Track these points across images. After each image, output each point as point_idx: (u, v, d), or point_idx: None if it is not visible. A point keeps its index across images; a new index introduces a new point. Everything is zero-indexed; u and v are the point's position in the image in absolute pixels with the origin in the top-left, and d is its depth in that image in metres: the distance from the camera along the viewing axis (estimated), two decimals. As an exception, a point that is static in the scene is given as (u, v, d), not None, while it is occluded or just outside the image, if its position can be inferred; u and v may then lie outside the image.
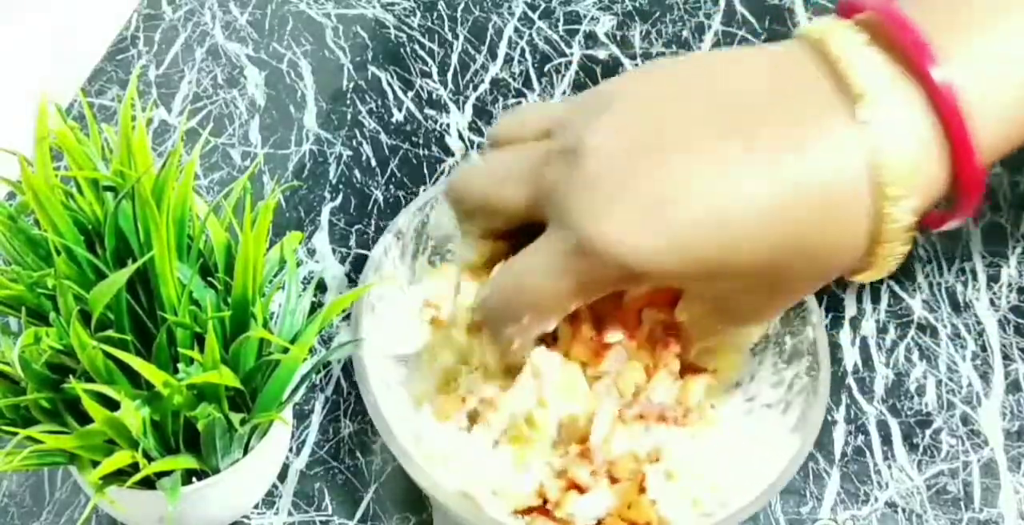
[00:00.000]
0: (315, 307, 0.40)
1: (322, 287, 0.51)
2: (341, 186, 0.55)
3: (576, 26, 0.63)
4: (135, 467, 0.34)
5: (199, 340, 0.36)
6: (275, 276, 0.40)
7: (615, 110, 0.33)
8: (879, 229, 0.31)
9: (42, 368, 0.34)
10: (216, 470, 0.37)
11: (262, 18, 0.63)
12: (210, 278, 0.38)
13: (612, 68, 0.60)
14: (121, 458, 0.34)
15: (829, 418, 0.46)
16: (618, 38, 0.62)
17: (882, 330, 0.49)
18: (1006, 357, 0.48)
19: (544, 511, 0.38)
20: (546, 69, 0.60)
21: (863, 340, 0.49)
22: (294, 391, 0.38)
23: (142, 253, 0.36)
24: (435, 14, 0.64)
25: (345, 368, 0.48)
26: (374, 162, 0.56)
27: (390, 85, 0.60)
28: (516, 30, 0.63)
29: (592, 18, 0.63)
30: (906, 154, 0.30)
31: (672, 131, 0.32)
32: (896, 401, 0.47)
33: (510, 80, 0.60)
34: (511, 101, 0.59)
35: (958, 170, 0.31)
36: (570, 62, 0.61)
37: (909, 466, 0.45)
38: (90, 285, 0.34)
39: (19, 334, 0.33)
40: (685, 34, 0.62)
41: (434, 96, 0.59)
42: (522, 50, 0.61)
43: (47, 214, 0.35)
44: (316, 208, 0.54)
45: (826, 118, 0.31)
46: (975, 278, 0.51)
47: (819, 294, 0.44)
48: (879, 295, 0.50)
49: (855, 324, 0.49)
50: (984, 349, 0.48)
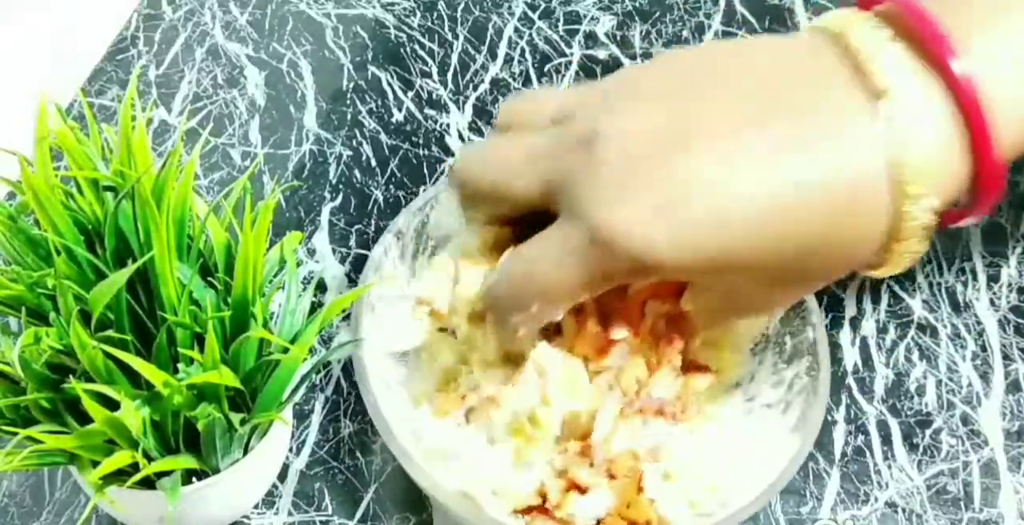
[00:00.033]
0: (315, 307, 0.40)
1: (322, 287, 0.51)
2: (341, 186, 0.55)
3: (576, 26, 0.63)
4: (135, 467, 0.34)
5: (199, 340, 0.36)
6: (275, 276, 0.40)
7: (632, 100, 0.33)
8: (897, 226, 0.31)
9: (42, 368, 0.34)
10: (216, 470, 0.37)
11: (262, 18, 0.63)
12: (210, 278, 0.38)
13: (612, 68, 0.60)
14: (121, 458, 0.34)
15: (829, 418, 0.46)
16: (618, 38, 0.62)
17: (882, 330, 0.49)
18: (1006, 357, 0.48)
19: (544, 510, 0.38)
20: (546, 69, 0.60)
21: (863, 340, 0.49)
22: (294, 391, 0.38)
23: (142, 253, 0.36)
24: (435, 14, 0.64)
25: (345, 368, 0.48)
26: (374, 162, 0.56)
27: (390, 85, 0.60)
28: (516, 30, 0.63)
29: (592, 18, 0.63)
30: (927, 151, 0.30)
31: (688, 124, 0.32)
32: (896, 401, 0.47)
33: (510, 80, 0.60)
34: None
35: (978, 166, 0.31)
36: (570, 62, 0.61)
37: (909, 466, 0.45)
38: (90, 285, 0.34)
39: (19, 334, 0.33)
40: (685, 34, 0.62)
41: (434, 96, 0.59)
42: (522, 50, 0.61)
43: (47, 214, 0.35)
44: (316, 208, 0.54)
45: (846, 113, 0.30)
46: (975, 278, 0.51)
47: (819, 294, 0.44)
48: (879, 295, 0.50)
49: (855, 324, 0.49)
50: (984, 349, 0.48)
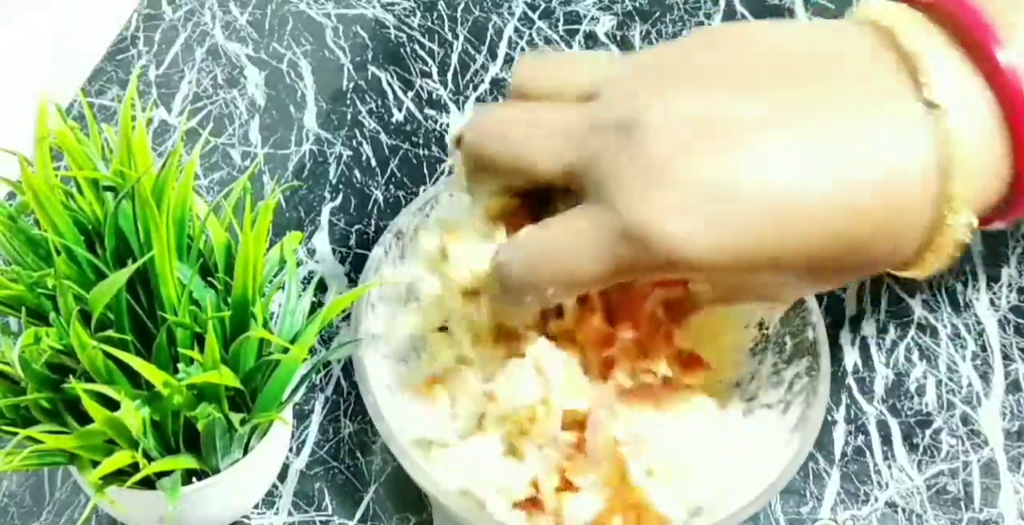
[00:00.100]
0: (315, 307, 0.40)
1: (322, 287, 0.51)
2: (341, 186, 0.55)
3: (576, 26, 0.63)
4: (135, 467, 0.34)
5: (199, 340, 0.36)
6: (275, 276, 0.40)
7: (675, 85, 0.31)
8: (939, 224, 0.30)
9: (42, 368, 0.34)
10: (216, 470, 0.37)
11: (262, 18, 0.63)
12: (210, 278, 0.38)
13: (612, 68, 0.60)
14: (121, 458, 0.34)
15: (829, 418, 0.46)
16: (618, 38, 0.62)
17: (882, 330, 0.49)
18: (1006, 357, 0.48)
19: (538, 503, 0.38)
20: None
21: (863, 340, 0.49)
22: (294, 391, 0.38)
23: (142, 253, 0.36)
24: (435, 14, 0.64)
25: (345, 368, 0.48)
26: (374, 162, 0.56)
27: (390, 85, 0.60)
28: (516, 30, 0.62)
29: (592, 18, 0.63)
30: (972, 148, 0.29)
31: (734, 115, 0.30)
32: (896, 401, 0.47)
33: (510, 80, 0.60)
34: (511, 101, 0.59)
35: (1019, 163, 0.30)
36: (570, 62, 0.61)
37: (909, 466, 0.45)
38: (90, 285, 0.34)
39: (19, 334, 0.33)
40: (685, 34, 0.62)
41: (434, 96, 0.59)
42: (522, 50, 0.61)
43: (47, 214, 0.35)
44: (316, 208, 0.54)
45: (896, 110, 0.29)
46: (975, 278, 0.51)
47: (819, 294, 0.44)
48: (879, 295, 0.50)
49: (855, 324, 0.49)
50: (984, 349, 0.48)
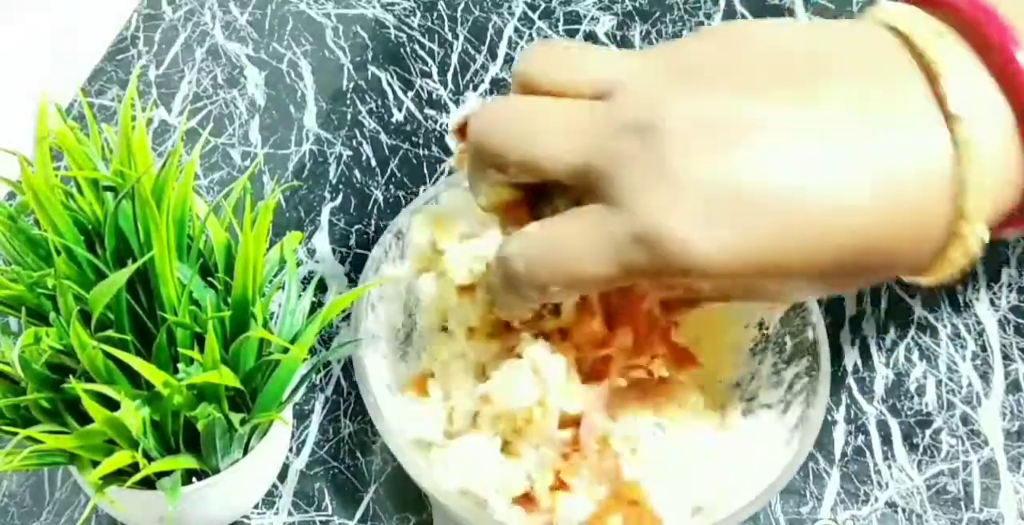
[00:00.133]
0: (315, 307, 0.40)
1: (322, 287, 0.51)
2: (341, 186, 0.55)
3: (576, 26, 0.63)
4: (135, 467, 0.34)
5: (199, 340, 0.36)
6: (275, 276, 0.40)
7: (693, 87, 0.30)
8: (951, 232, 0.30)
9: (42, 368, 0.34)
10: (216, 470, 0.37)
11: (262, 18, 0.63)
12: (210, 278, 0.38)
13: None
14: (121, 458, 0.34)
15: (829, 418, 0.46)
16: (618, 38, 0.62)
17: (882, 330, 0.49)
18: (1006, 357, 0.48)
19: (532, 500, 0.38)
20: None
21: (863, 340, 0.49)
22: (294, 391, 0.38)
23: (142, 253, 0.36)
24: (435, 14, 0.64)
25: (345, 368, 0.48)
26: (374, 162, 0.56)
27: (390, 85, 0.60)
28: (516, 30, 0.62)
29: (592, 18, 0.63)
30: (989, 153, 0.29)
31: (754, 122, 0.29)
32: (896, 401, 0.47)
33: (510, 80, 0.60)
34: (511, 101, 0.59)
35: None
36: (570, 62, 0.61)
37: (909, 466, 0.45)
38: (90, 285, 0.34)
39: (19, 334, 0.33)
40: (685, 34, 0.62)
41: (434, 96, 0.59)
42: (522, 50, 0.61)
43: (47, 214, 0.35)
44: (316, 208, 0.54)
45: (918, 121, 0.29)
46: (975, 278, 0.51)
47: (819, 294, 0.44)
48: (879, 295, 0.50)
49: (855, 324, 0.49)
50: (984, 349, 0.48)
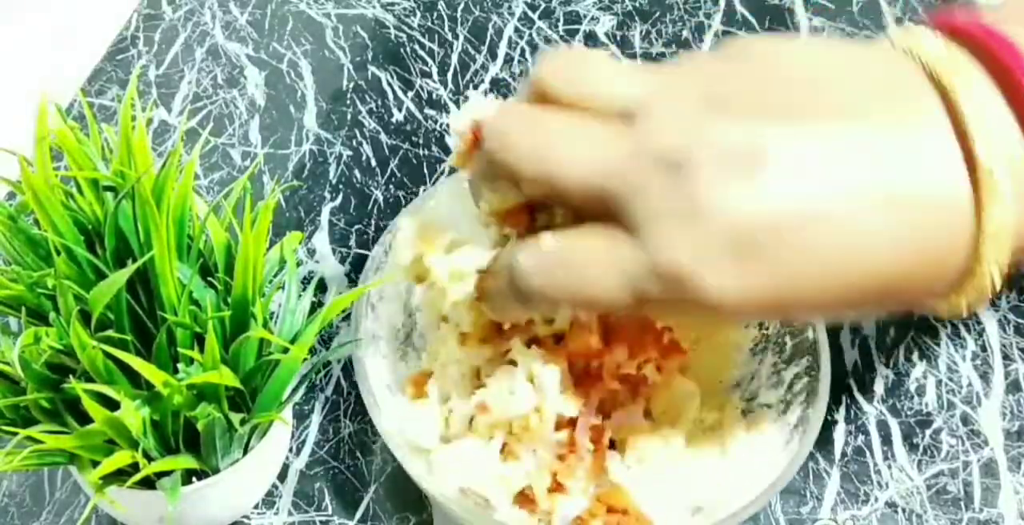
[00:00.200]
0: (315, 307, 0.40)
1: (322, 287, 0.51)
2: (341, 186, 0.55)
3: (576, 26, 0.63)
4: (135, 467, 0.34)
5: (199, 340, 0.36)
6: (275, 276, 0.40)
7: (722, 118, 0.29)
8: (971, 268, 0.29)
9: (42, 368, 0.34)
10: (216, 470, 0.37)
11: (262, 18, 0.63)
12: (210, 278, 0.38)
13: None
14: (121, 458, 0.34)
15: (829, 418, 0.46)
16: (618, 38, 0.62)
17: (882, 330, 0.49)
18: (1006, 357, 0.48)
19: (531, 501, 0.38)
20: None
21: (863, 340, 0.49)
22: (294, 391, 0.38)
23: (142, 253, 0.36)
24: (435, 14, 0.64)
25: (345, 368, 0.48)
26: (374, 162, 0.56)
27: (390, 85, 0.60)
28: (516, 30, 0.62)
29: (592, 18, 0.63)
30: (1010, 189, 0.28)
31: (783, 158, 0.29)
32: (896, 401, 0.47)
33: (510, 80, 0.60)
34: (511, 100, 0.59)
35: None
36: (570, 62, 0.61)
37: (909, 466, 0.45)
38: (90, 285, 0.34)
39: (19, 334, 0.33)
40: (685, 34, 0.62)
41: (434, 96, 0.59)
42: (522, 50, 0.61)
43: (47, 214, 0.35)
44: (316, 208, 0.54)
45: (939, 150, 0.29)
46: (975, 278, 0.51)
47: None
48: (879, 295, 0.50)
49: (855, 324, 0.49)
50: (984, 349, 0.48)
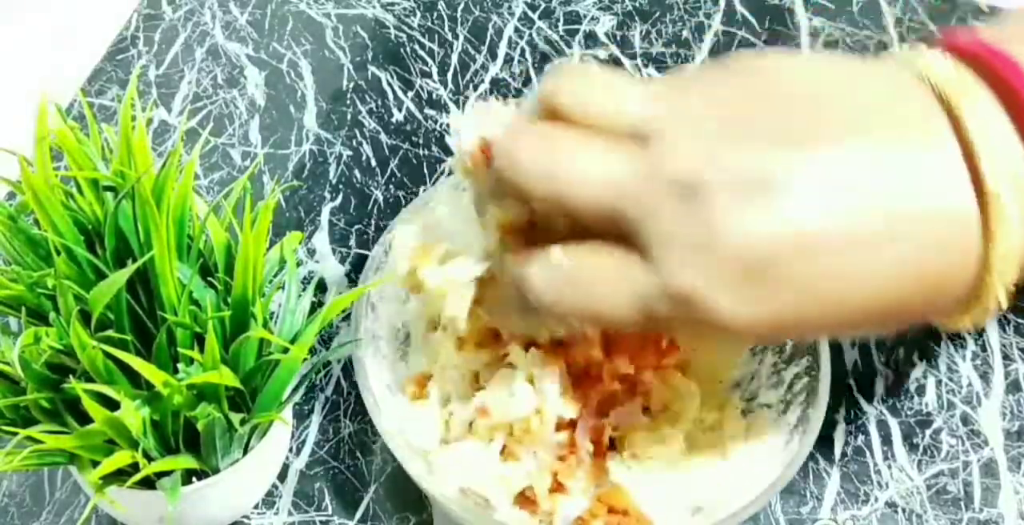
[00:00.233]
0: (315, 307, 0.40)
1: (322, 287, 0.51)
2: (341, 186, 0.55)
3: (576, 26, 0.63)
4: (135, 467, 0.34)
5: (199, 340, 0.36)
6: (275, 276, 0.40)
7: (733, 141, 0.29)
8: (979, 286, 0.30)
9: (42, 368, 0.34)
10: (216, 470, 0.37)
11: (262, 18, 0.63)
12: (210, 278, 0.38)
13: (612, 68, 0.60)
14: (121, 458, 0.34)
15: (829, 418, 0.46)
16: (618, 38, 0.62)
17: (882, 330, 0.49)
18: (1006, 357, 0.48)
19: (532, 502, 0.38)
20: (546, 69, 0.60)
21: (863, 340, 0.49)
22: (294, 391, 0.38)
23: (142, 253, 0.36)
24: (435, 14, 0.64)
25: (345, 368, 0.48)
26: (374, 162, 0.56)
27: (390, 85, 0.60)
28: (516, 30, 0.62)
29: (592, 18, 0.63)
30: (1017, 209, 0.28)
31: (796, 180, 0.29)
32: (896, 401, 0.47)
33: (510, 80, 0.60)
34: (511, 101, 0.59)
35: None
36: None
37: (909, 466, 0.45)
38: (90, 285, 0.34)
39: (19, 334, 0.33)
40: (685, 34, 0.62)
41: (434, 96, 0.59)
42: (522, 50, 0.61)
43: (47, 214, 0.35)
44: (316, 208, 0.54)
45: (947, 175, 0.29)
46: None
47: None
48: (879, 295, 0.50)
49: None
50: (984, 349, 0.48)
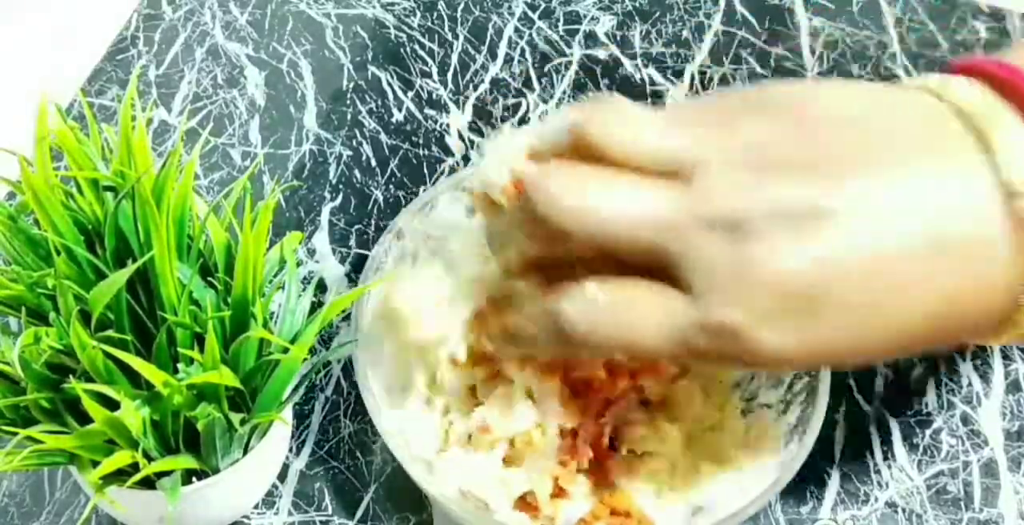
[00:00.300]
0: (315, 307, 0.40)
1: (322, 287, 0.51)
2: (341, 186, 0.55)
3: (576, 26, 0.63)
4: (135, 467, 0.34)
5: (199, 340, 0.36)
6: (275, 276, 0.40)
7: (776, 178, 0.29)
8: (1014, 307, 0.30)
9: (42, 368, 0.34)
10: (216, 470, 0.37)
11: (262, 18, 0.63)
12: (210, 278, 0.38)
13: (612, 68, 0.60)
14: (121, 458, 0.34)
15: (829, 418, 0.46)
16: (618, 38, 0.62)
17: (882, 330, 0.49)
18: (1006, 357, 0.48)
19: (533, 507, 0.39)
20: (546, 69, 0.60)
21: (863, 340, 0.49)
22: (294, 391, 0.38)
23: (142, 253, 0.36)
24: (435, 14, 0.64)
25: (345, 368, 0.48)
26: (374, 162, 0.56)
27: (390, 85, 0.60)
28: (516, 30, 0.62)
29: (592, 18, 0.63)
30: None
31: (834, 214, 0.29)
32: (896, 401, 0.47)
33: (510, 80, 0.60)
34: (511, 101, 0.59)
35: None
36: (570, 62, 0.61)
37: (909, 466, 0.45)
38: (90, 285, 0.34)
39: (19, 334, 0.33)
40: (685, 34, 0.62)
41: (434, 96, 0.59)
42: (522, 50, 0.61)
43: (47, 214, 0.35)
44: (316, 208, 0.54)
45: (983, 203, 0.29)
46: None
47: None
48: (879, 295, 0.50)
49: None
50: (984, 349, 0.48)
